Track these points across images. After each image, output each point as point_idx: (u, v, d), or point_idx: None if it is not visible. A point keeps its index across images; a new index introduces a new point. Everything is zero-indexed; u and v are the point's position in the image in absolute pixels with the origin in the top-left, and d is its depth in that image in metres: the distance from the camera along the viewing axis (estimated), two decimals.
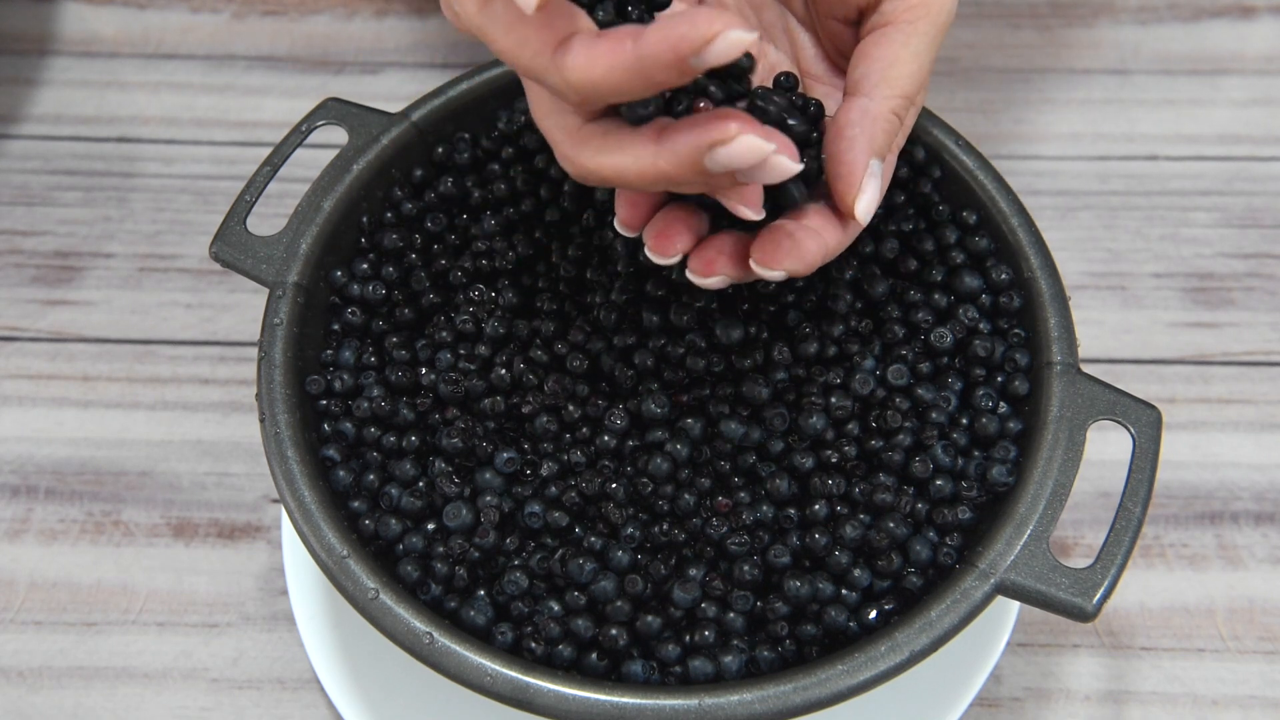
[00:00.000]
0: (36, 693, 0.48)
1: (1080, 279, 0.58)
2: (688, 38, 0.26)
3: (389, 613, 0.35)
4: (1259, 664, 0.49)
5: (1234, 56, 0.66)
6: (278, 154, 0.43)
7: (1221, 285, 0.58)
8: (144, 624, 0.50)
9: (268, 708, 0.48)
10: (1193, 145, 0.63)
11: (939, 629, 0.35)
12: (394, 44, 0.67)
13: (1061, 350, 0.39)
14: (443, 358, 0.41)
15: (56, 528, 0.52)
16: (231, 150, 0.63)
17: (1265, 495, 0.53)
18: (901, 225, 0.43)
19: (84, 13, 0.68)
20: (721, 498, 0.38)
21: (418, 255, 0.43)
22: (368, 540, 0.38)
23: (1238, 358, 0.56)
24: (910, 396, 0.39)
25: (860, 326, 0.41)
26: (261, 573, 0.51)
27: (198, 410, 0.55)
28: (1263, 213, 0.60)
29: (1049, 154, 0.62)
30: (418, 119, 0.44)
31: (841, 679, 0.34)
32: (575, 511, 0.38)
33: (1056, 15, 0.67)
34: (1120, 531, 0.36)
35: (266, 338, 0.40)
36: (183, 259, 0.59)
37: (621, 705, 0.34)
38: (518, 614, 0.37)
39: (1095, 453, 0.45)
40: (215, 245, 0.41)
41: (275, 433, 0.38)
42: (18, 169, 0.62)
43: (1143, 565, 0.51)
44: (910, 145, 0.44)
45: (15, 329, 0.57)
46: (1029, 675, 0.49)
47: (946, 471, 0.38)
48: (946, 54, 0.66)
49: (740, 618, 0.36)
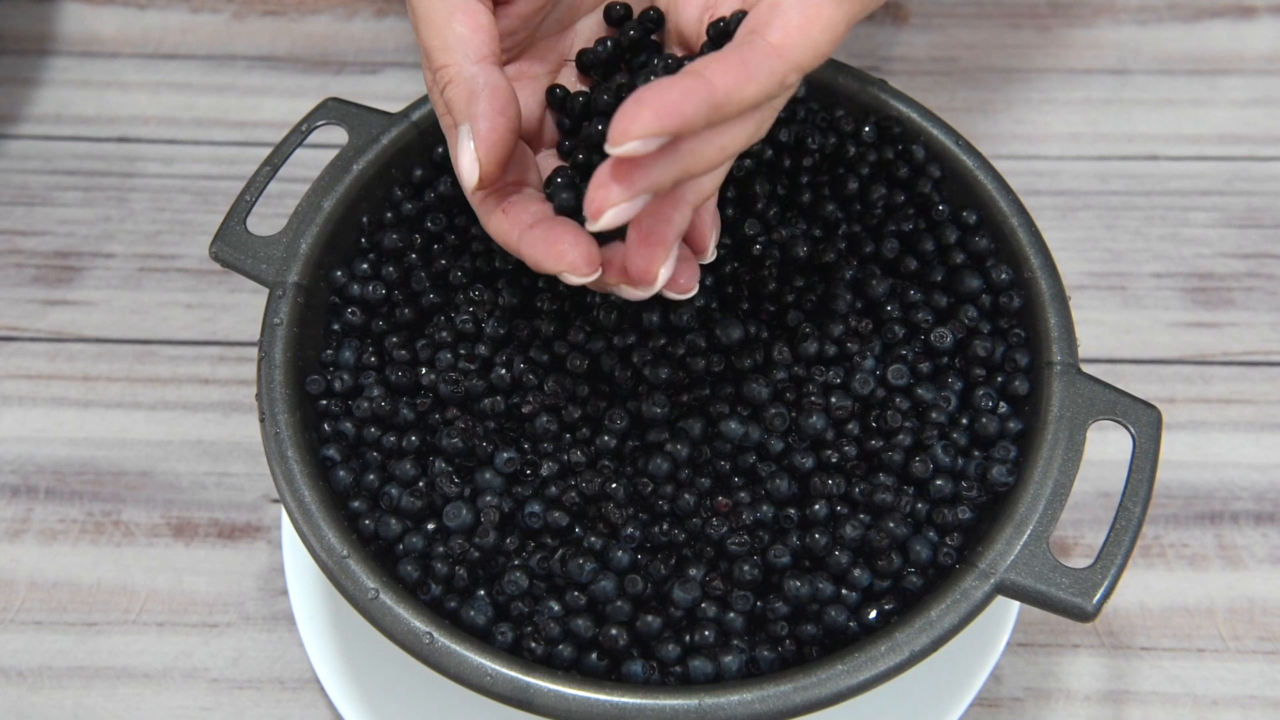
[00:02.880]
0: (36, 693, 0.48)
1: (1080, 279, 0.58)
2: (541, 264, 0.33)
3: (389, 613, 0.35)
4: (1259, 664, 0.49)
5: (1234, 56, 0.66)
6: (278, 154, 0.43)
7: (1221, 285, 0.58)
8: (144, 624, 0.50)
9: (268, 708, 0.48)
10: (1193, 145, 0.63)
11: (939, 629, 0.35)
12: (394, 44, 0.67)
13: (1061, 350, 0.39)
14: (443, 358, 0.41)
15: (56, 528, 0.52)
16: (231, 150, 0.63)
17: (1265, 495, 0.53)
18: (901, 225, 0.43)
19: (84, 13, 0.68)
20: (721, 498, 0.38)
21: (418, 255, 0.43)
22: (368, 540, 0.38)
23: (1238, 358, 0.56)
24: (910, 396, 0.39)
25: (860, 326, 0.41)
26: (261, 573, 0.51)
27: (198, 410, 0.55)
28: (1263, 213, 0.60)
29: (1049, 154, 0.62)
30: (418, 119, 0.44)
31: (841, 679, 0.34)
32: (575, 511, 0.38)
33: (1056, 15, 0.67)
34: (1120, 531, 0.36)
35: (266, 338, 0.40)
36: (183, 259, 0.59)
37: (621, 705, 0.34)
38: (518, 614, 0.37)
39: (1095, 453, 0.45)
40: (215, 245, 0.41)
41: (275, 433, 0.38)
42: (18, 169, 0.62)
43: (1143, 565, 0.51)
44: (910, 145, 0.44)
45: (15, 329, 0.57)
46: (1029, 675, 0.49)
47: (946, 471, 0.38)
48: (946, 54, 0.66)
49: (740, 618, 0.36)
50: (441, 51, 0.34)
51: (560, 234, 0.33)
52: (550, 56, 0.39)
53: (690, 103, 0.28)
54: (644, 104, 0.28)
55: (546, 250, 0.33)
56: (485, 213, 0.35)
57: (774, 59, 0.30)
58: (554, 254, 0.33)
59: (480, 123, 0.33)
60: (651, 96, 0.28)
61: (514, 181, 0.36)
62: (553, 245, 0.33)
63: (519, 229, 0.34)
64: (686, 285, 0.34)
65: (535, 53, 0.39)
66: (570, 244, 0.33)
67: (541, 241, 0.33)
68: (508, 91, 0.34)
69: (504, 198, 0.35)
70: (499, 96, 0.33)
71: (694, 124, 0.29)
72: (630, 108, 0.28)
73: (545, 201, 0.35)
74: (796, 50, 0.31)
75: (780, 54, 0.30)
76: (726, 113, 0.29)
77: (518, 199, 0.35)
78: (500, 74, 0.34)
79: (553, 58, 0.39)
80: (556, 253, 0.33)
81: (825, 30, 0.31)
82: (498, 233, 0.35)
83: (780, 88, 0.31)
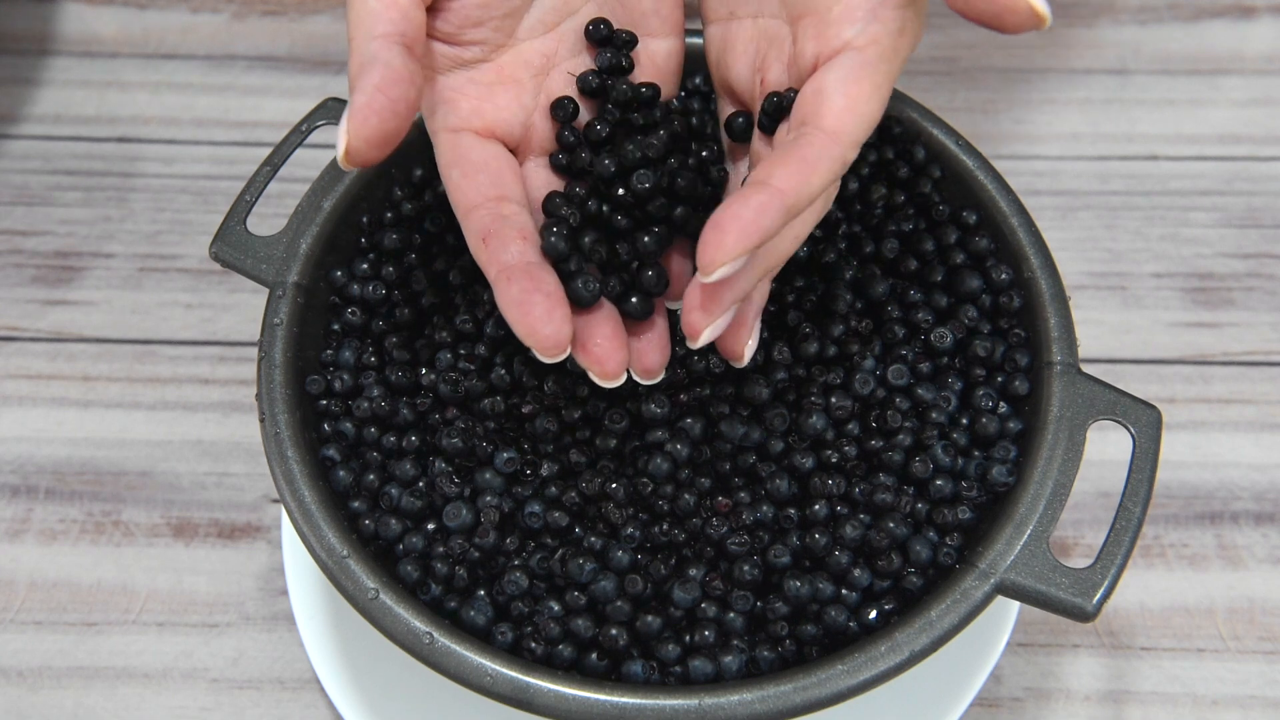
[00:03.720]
0: (36, 693, 0.48)
1: (1080, 279, 0.58)
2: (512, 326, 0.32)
3: (389, 613, 0.35)
4: (1259, 664, 0.49)
5: (1234, 56, 0.66)
6: (278, 154, 0.43)
7: (1221, 285, 0.58)
8: (144, 624, 0.50)
9: (268, 708, 0.48)
10: (1193, 145, 0.63)
11: (939, 629, 0.35)
12: None
13: (1061, 350, 0.39)
14: (442, 358, 0.41)
15: (56, 528, 0.52)
16: (231, 150, 0.63)
17: (1265, 495, 0.53)
18: (901, 225, 0.43)
19: (84, 13, 0.68)
20: (721, 498, 0.38)
21: (417, 255, 0.43)
22: (368, 540, 0.38)
23: (1238, 358, 0.56)
24: (910, 396, 0.39)
25: (860, 326, 0.41)
26: (261, 573, 0.51)
27: (198, 410, 0.55)
28: (1263, 213, 0.60)
29: (1049, 154, 0.62)
30: (418, 118, 0.44)
31: (841, 679, 0.34)
32: (575, 511, 0.38)
33: (1056, 15, 0.67)
34: (1120, 531, 0.36)
35: (266, 338, 0.40)
36: (183, 259, 0.59)
37: (621, 705, 0.34)
38: (518, 614, 0.37)
39: (1095, 453, 0.45)
40: (215, 245, 0.41)
41: (275, 433, 0.38)
42: (18, 169, 0.62)
43: (1143, 565, 0.51)
44: (910, 145, 0.44)
45: (15, 329, 0.57)
46: (1029, 675, 0.49)
47: (946, 471, 0.38)
48: (946, 54, 0.66)
49: (740, 618, 0.36)
50: (351, 26, 0.33)
51: (535, 301, 0.32)
52: (535, 60, 0.38)
53: (767, 217, 0.29)
54: (725, 231, 0.29)
55: (519, 315, 0.32)
56: (466, 230, 0.34)
57: (831, 146, 0.31)
58: (525, 324, 0.32)
59: (358, 96, 0.31)
60: (729, 220, 0.29)
61: (495, 197, 0.35)
62: (526, 313, 0.32)
63: (496, 267, 0.33)
64: (655, 367, 0.35)
65: (519, 54, 0.37)
66: (543, 318, 0.32)
67: (516, 304, 0.32)
68: (401, 71, 0.32)
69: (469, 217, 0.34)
70: (387, 73, 0.31)
71: (772, 234, 0.30)
72: (712, 236, 0.29)
73: (528, 238, 0.34)
74: (849, 131, 0.32)
75: (836, 139, 0.31)
76: (798, 211, 0.31)
77: (499, 230, 0.34)
78: (401, 54, 0.32)
79: (538, 61, 0.38)
80: (528, 325, 0.32)
81: (870, 99, 0.32)
82: (477, 258, 0.34)
83: (843, 168, 0.32)
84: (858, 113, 0.32)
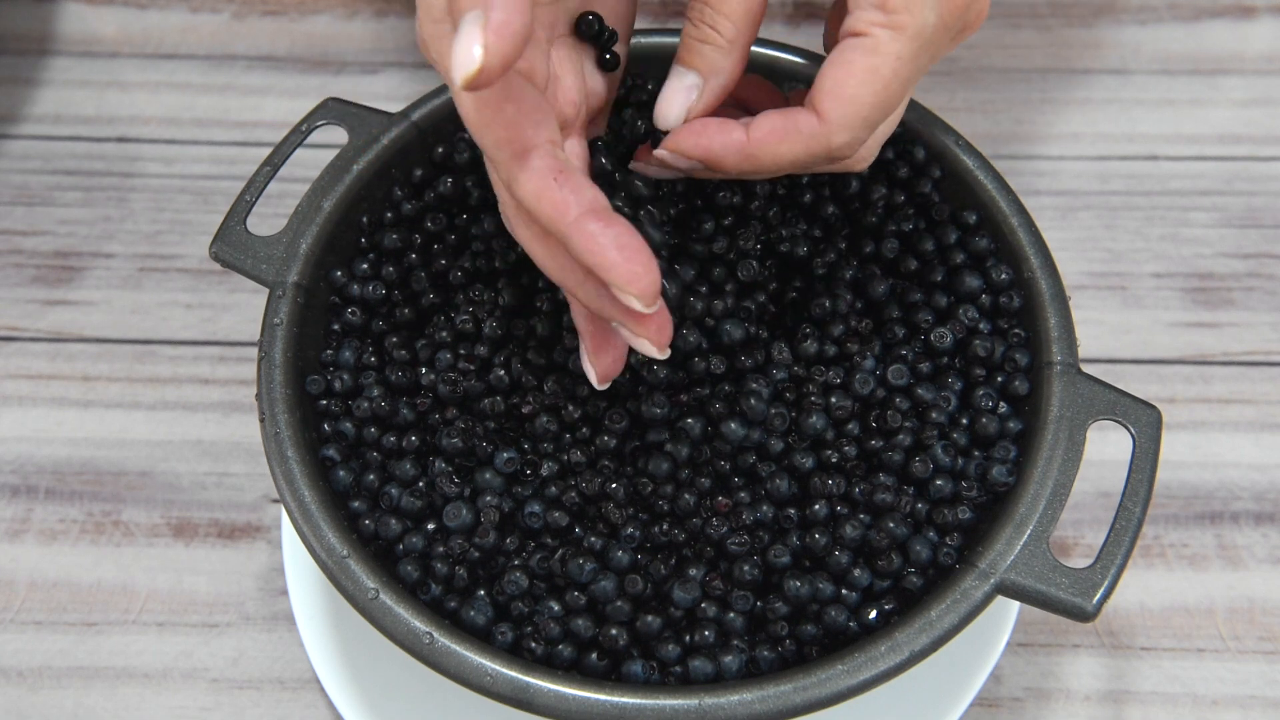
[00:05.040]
0: (36, 693, 0.48)
1: (1080, 279, 0.58)
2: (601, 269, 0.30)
3: (389, 613, 0.35)
4: (1259, 664, 0.49)
5: (1234, 56, 0.66)
6: (278, 154, 0.43)
7: (1221, 285, 0.58)
8: (144, 624, 0.50)
9: (268, 708, 0.48)
10: (1193, 145, 0.63)
11: (939, 629, 0.35)
12: (394, 44, 0.67)
13: (1061, 350, 0.39)
14: (442, 358, 0.41)
15: (56, 528, 0.52)
16: (231, 150, 0.63)
17: (1265, 495, 0.53)
18: (901, 225, 0.43)
19: (84, 13, 0.68)
20: (721, 498, 0.38)
21: (417, 255, 0.43)
22: (368, 540, 0.38)
23: (1238, 358, 0.56)
24: (910, 396, 0.39)
25: (860, 326, 0.41)
26: (261, 573, 0.51)
27: (198, 410, 0.55)
28: (1263, 213, 0.60)
29: (1049, 154, 0.62)
30: (418, 119, 0.44)
31: (841, 679, 0.34)
32: (575, 511, 0.38)
33: (1056, 15, 0.67)
34: (1120, 531, 0.36)
35: (266, 338, 0.40)
36: (183, 259, 0.59)
37: (621, 705, 0.34)
38: (518, 614, 0.37)
39: (1095, 453, 0.45)
40: (215, 245, 0.41)
41: (275, 433, 0.38)
42: (18, 169, 0.62)
43: (1143, 565, 0.51)
44: (910, 145, 0.44)
45: (15, 329, 0.57)
46: (1029, 675, 0.49)
47: (946, 471, 0.38)
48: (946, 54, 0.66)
49: (740, 618, 0.36)
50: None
51: (635, 246, 0.29)
52: (545, 19, 0.35)
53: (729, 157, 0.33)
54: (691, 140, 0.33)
55: (622, 259, 0.29)
56: (525, 170, 0.30)
57: (813, 124, 0.33)
58: (628, 269, 0.29)
59: (495, 11, 0.27)
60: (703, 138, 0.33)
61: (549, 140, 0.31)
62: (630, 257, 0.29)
63: (577, 210, 0.30)
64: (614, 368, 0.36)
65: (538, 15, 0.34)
66: (645, 265, 0.29)
67: (617, 246, 0.29)
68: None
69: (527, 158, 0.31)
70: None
71: (728, 170, 0.33)
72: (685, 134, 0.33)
73: (595, 186, 0.31)
74: (837, 118, 0.33)
75: (824, 120, 0.33)
76: (757, 166, 0.33)
77: (570, 170, 0.31)
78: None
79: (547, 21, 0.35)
80: (630, 270, 0.29)
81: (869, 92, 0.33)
82: (545, 201, 0.30)
83: (826, 150, 0.33)
84: (848, 100, 0.33)
